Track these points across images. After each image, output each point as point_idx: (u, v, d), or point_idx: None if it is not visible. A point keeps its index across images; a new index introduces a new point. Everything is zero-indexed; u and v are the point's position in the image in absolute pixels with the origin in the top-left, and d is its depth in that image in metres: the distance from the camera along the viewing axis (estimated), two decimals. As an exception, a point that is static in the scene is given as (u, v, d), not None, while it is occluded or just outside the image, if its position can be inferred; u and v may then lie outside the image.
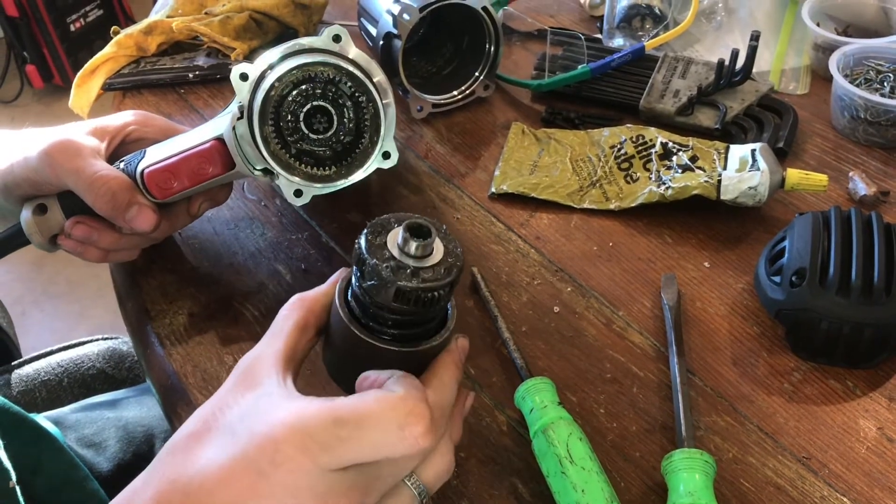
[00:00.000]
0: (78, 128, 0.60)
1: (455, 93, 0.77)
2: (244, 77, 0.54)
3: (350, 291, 0.43)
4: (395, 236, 0.40)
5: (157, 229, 0.58)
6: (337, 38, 0.55)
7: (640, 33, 0.84)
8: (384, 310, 0.41)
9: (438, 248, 0.41)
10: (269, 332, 0.43)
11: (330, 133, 0.54)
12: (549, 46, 0.84)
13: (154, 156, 0.58)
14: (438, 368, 0.42)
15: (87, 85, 0.86)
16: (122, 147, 0.61)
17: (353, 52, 0.55)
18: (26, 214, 0.59)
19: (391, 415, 0.37)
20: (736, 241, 0.64)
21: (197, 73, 0.84)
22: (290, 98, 0.53)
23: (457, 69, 0.79)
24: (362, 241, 0.40)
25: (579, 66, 0.77)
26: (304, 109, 0.53)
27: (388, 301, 0.40)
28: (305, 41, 0.55)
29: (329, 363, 0.46)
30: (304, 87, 0.53)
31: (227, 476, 0.36)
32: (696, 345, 0.57)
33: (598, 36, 0.86)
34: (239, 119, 0.54)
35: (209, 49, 0.87)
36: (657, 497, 0.48)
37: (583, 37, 0.83)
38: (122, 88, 0.85)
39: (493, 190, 0.69)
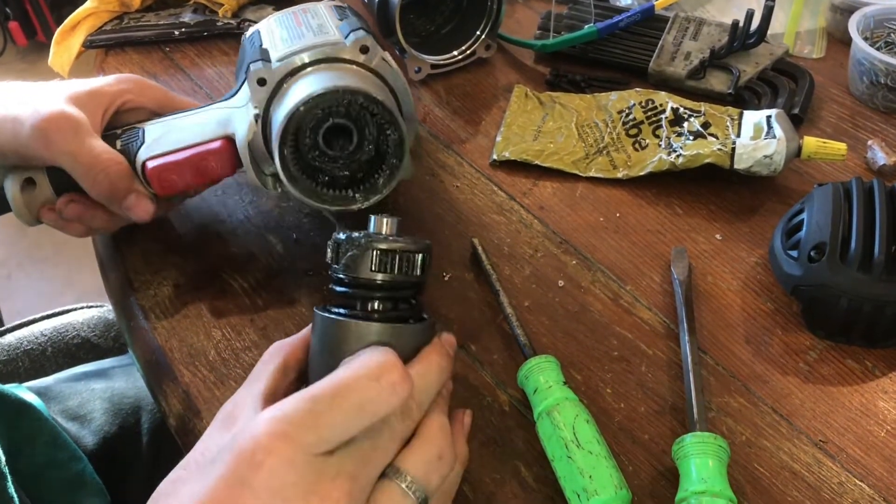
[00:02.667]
0: (71, 90, 0.55)
1: (455, 53, 0.74)
2: (262, 82, 0.51)
3: (325, 305, 0.43)
4: (367, 226, 0.43)
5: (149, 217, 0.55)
6: (364, 49, 0.52)
7: (649, -8, 0.80)
8: (366, 286, 0.42)
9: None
10: (249, 378, 0.42)
11: (349, 151, 0.51)
12: (555, 5, 0.80)
13: (155, 143, 0.54)
14: (421, 354, 0.41)
15: (67, 42, 0.81)
16: (115, 116, 0.57)
17: (377, 60, 0.52)
18: (12, 188, 0.55)
19: (363, 373, 0.36)
20: (749, 213, 0.61)
21: (183, 30, 0.80)
22: (311, 116, 0.49)
23: (457, 28, 0.75)
24: (335, 232, 0.43)
25: (586, 26, 0.74)
26: (325, 125, 0.49)
27: (369, 269, 0.41)
28: (328, 47, 0.51)
29: None
30: (328, 108, 0.49)
31: (210, 501, 0.34)
32: (708, 321, 0.54)
33: (605, -6, 0.82)
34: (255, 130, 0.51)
35: (196, 5, 0.83)
36: (668, 482, 0.46)
37: (589, -5, 0.79)
38: (104, 46, 0.81)
39: (495, 157, 0.66)
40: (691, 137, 0.63)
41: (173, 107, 0.59)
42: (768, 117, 0.61)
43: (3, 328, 0.87)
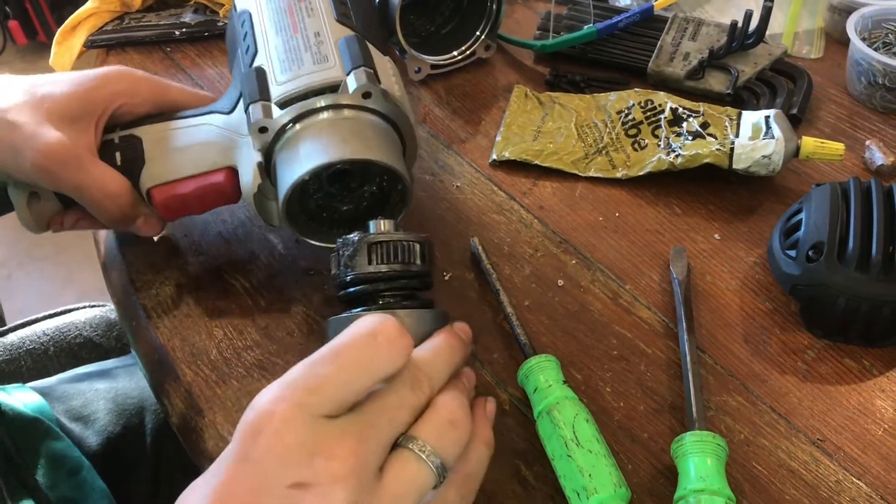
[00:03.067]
0: (57, 101, 0.52)
1: (455, 53, 0.74)
2: (263, 130, 0.51)
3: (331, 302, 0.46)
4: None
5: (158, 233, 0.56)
6: (367, 95, 0.51)
7: (648, -8, 0.80)
8: (368, 280, 0.43)
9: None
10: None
11: (353, 189, 0.52)
12: (554, 5, 0.80)
13: (157, 167, 0.53)
14: (431, 337, 0.42)
15: (68, 42, 0.82)
16: (107, 120, 0.55)
17: (382, 102, 0.51)
18: (19, 200, 0.54)
19: (359, 331, 0.36)
20: (748, 213, 0.61)
21: (184, 30, 0.80)
22: (315, 178, 0.49)
23: (456, 28, 0.76)
24: (336, 244, 0.44)
25: (585, 27, 0.74)
26: (329, 172, 0.50)
27: (367, 263, 0.42)
28: (331, 94, 0.50)
29: None
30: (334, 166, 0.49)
31: (219, 493, 0.33)
32: (706, 321, 0.54)
33: (604, -5, 0.82)
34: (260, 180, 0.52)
35: (197, 5, 0.83)
36: (666, 481, 0.46)
37: (588, -5, 0.80)
38: (105, 46, 0.81)
39: (495, 157, 0.66)
40: (690, 137, 0.63)
41: (169, 100, 0.57)
42: (767, 117, 0.61)
43: (5, 328, 0.88)
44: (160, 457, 0.72)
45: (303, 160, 0.49)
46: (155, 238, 0.59)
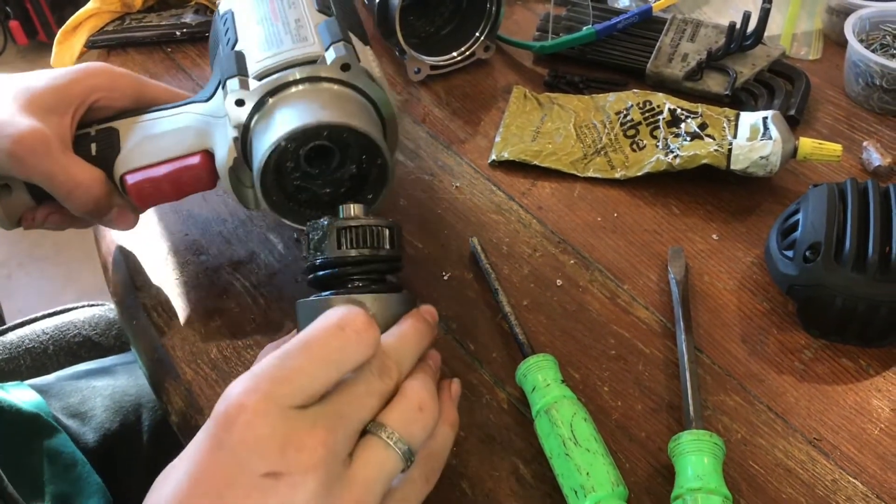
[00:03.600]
0: (31, 91, 0.51)
1: (454, 54, 0.74)
2: (240, 103, 0.50)
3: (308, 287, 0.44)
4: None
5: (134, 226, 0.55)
6: (346, 68, 0.50)
7: (647, -6, 0.81)
8: (336, 264, 0.43)
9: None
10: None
11: (331, 169, 0.50)
12: (553, 7, 0.80)
13: (132, 153, 0.52)
14: (398, 322, 0.42)
15: (69, 42, 0.82)
16: (87, 113, 0.54)
17: (358, 75, 0.51)
18: None
19: (328, 324, 0.37)
20: (745, 213, 0.61)
21: (185, 30, 0.81)
22: (293, 146, 0.48)
23: (456, 29, 0.76)
24: (307, 228, 0.44)
25: (584, 28, 0.74)
26: (307, 148, 0.48)
27: (335, 248, 0.42)
28: (308, 65, 0.50)
29: None
30: (311, 137, 0.48)
31: (192, 481, 0.34)
32: (704, 321, 0.55)
33: (603, -4, 0.82)
34: (235, 156, 0.51)
35: (197, 5, 0.83)
36: (664, 479, 0.47)
37: (587, -3, 0.80)
38: (106, 46, 0.81)
39: (494, 157, 0.66)
40: (688, 138, 0.64)
41: (148, 97, 0.56)
42: (765, 118, 0.61)
43: (4, 326, 0.88)
44: (157, 454, 0.72)
45: (278, 126, 0.47)
46: (130, 228, 0.56)
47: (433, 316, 0.44)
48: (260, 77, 0.50)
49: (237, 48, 0.53)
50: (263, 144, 0.48)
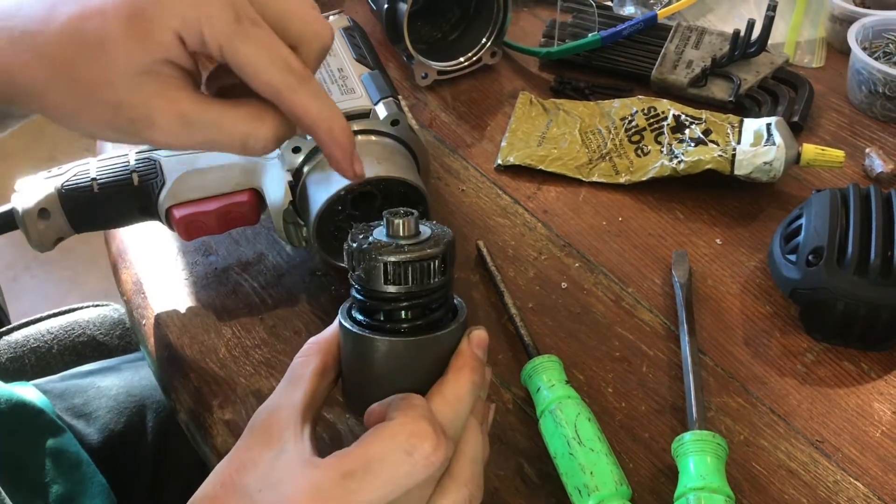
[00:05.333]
0: None
1: (461, 59, 0.75)
2: (297, 150, 0.53)
3: (350, 305, 0.41)
4: (380, 227, 0.40)
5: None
6: (395, 123, 0.54)
7: (652, 1, 0.82)
8: (382, 299, 0.39)
9: (425, 231, 0.40)
10: (286, 379, 0.40)
11: (375, 211, 0.52)
12: (559, 13, 0.81)
13: (178, 188, 0.53)
14: (448, 373, 0.39)
15: None
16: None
17: (405, 130, 0.55)
18: (26, 217, 0.53)
19: (394, 445, 0.35)
20: (749, 218, 0.62)
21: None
22: (347, 195, 0.52)
23: (463, 35, 0.77)
24: (349, 238, 0.40)
25: (590, 35, 0.75)
26: (357, 192, 0.52)
27: (381, 284, 0.38)
28: (363, 120, 0.54)
29: (349, 397, 0.42)
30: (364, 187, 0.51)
31: None
32: (707, 324, 0.55)
33: (609, 3, 0.83)
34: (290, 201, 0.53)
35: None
36: (667, 479, 0.47)
37: (594, 3, 0.81)
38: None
39: (500, 161, 0.67)
40: (692, 144, 0.64)
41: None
42: (768, 125, 0.62)
43: (10, 326, 0.88)
44: (161, 454, 0.72)
45: (338, 177, 0.50)
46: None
47: (485, 346, 0.41)
48: None
49: None
50: (322, 193, 0.51)
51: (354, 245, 0.39)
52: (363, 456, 0.35)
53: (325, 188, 0.51)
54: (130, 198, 0.54)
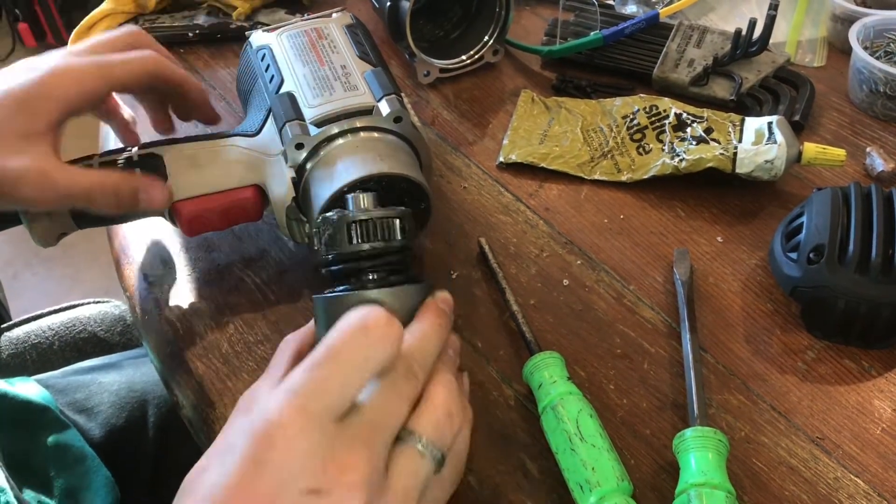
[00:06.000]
0: (77, 59, 0.51)
1: (463, 57, 0.75)
2: (300, 146, 0.53)
3: (322, 291, 0.45)
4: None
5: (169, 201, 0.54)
6: (398, 120, 0.54)
7: (654, 0, 0.82)
8: (350, 258, 0.44)
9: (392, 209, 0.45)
10: (267, 369, 0.43)
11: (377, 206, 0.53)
12: (561, 12, 0.81)
13: (182, 182, 0.54)
14: (417, 316, 0.43)
15: (82, 42, 0.83)
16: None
17: (408, 127, 0.55)
18: (28, 216, 0.53)
19: (351, 328, 0.37)
20: (750, 216, 0.62)
21: (197, 32, 0.82)
22: (349, 191, 0.51)
23: (465, 33, 0.77)
24: (320, 222, 0.45)
25: (592, 33, 0.75)
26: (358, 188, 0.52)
27: (348, 242, 0.43)
28: (365, 116, 0.54)
29: None
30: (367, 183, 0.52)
31: (232, 492, 0.34)
32: (708, 321, 0.55)
33: (611, 2, 0.84)
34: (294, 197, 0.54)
35: (210, 7, 0.84)
36: (668, 476, 0.47)
37: (596, 2, 0.81)
38: (118, 46, 0.82)
39: (502, 159, 0.67)
40: (694, 142, 0.64)
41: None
42: (769, 123, 0.62)
43: (11, 322, 0.88)
44: (162, 449, 0.73)
45: (341, 173, 0.51)
46: (165, 203, 0.54)
47: (449, 304, 0.45)
48: (317, 123, 0.54)
49: (284, 89, 0.56)
50: (325, 189, 0.51)
51: (320, 219, 0.45)
52: (325, 347, 0.37)
53: (328, 184, 0.52)
54: None
